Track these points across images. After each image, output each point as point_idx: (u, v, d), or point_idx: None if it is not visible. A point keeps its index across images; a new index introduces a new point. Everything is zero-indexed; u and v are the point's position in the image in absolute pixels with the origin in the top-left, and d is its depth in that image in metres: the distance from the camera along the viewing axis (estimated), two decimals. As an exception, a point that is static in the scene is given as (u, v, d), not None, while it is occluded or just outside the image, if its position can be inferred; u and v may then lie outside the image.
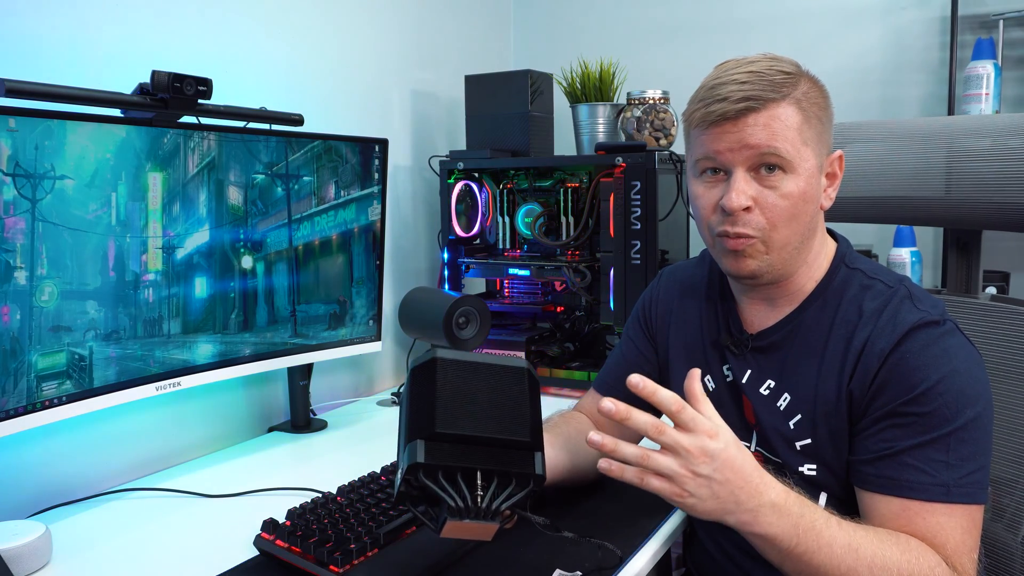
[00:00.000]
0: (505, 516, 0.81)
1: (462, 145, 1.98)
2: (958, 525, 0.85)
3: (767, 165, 0.89)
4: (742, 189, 0.90)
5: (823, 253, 0.99)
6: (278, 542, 0.95)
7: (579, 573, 0.89)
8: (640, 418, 0.81)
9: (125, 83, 1.16)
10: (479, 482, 0.78)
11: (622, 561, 0.84)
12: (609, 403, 0.80)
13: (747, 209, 0.90)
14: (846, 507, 0.92)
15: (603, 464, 0.82)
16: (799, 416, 0.95)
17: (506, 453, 0.80)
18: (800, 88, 0.90)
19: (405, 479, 0.78)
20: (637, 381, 0.81)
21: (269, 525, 0.98)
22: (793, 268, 0.96)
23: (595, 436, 0.81)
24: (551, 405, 1.26)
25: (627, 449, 0.81)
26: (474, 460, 0.78)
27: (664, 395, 0.81)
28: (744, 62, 0.92)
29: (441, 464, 0.77)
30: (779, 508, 0.81)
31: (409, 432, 0.79)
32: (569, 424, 1.14)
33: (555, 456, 1.05)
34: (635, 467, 0.81)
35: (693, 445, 0.79)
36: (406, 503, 0.81)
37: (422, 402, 0.79)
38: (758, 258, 0.93)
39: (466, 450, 0.78)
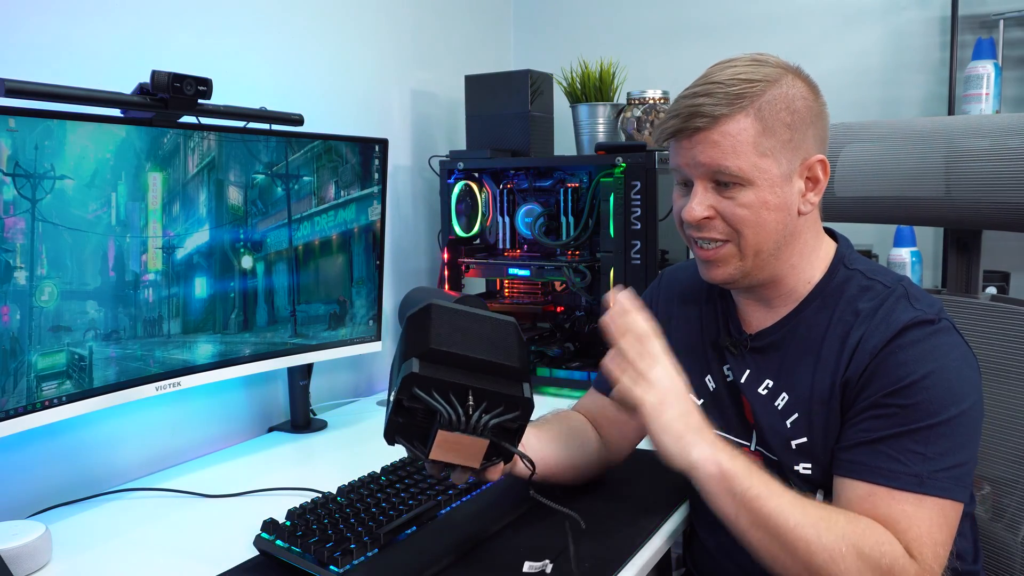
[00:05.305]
0: (487, 443, 0.83)
1: (462, 145, 1.98)
2: (926, 516, 0.83)
3: (720, 181, 0.91)
4: (700, 200, 0.93)
5: (819, 255, 0.99)
6: (278, 542, 0.95)
7: (547, 561, 0.91)
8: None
9: (125, 83, 1.16)
10: (470, 400, 0.81)
11: (583, 532, 0.86)
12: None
13: (710, 218, 0.93)
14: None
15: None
16: (796, 415, 0.95)
17: (496, 379, 0.83)
18: (766, 96, 0.89)
19: (397, 400, 0.81)
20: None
21: (269, 525, 0.98)
22: (774, 272, 0.96)
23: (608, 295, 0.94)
24: (551, 405, 1.26)
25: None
26: (466, 381, 0.82)
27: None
28: (719, 68, 0.93)
29: (435, 378, 0.80)
30: (718, 444, 0.87)
31: (404, 356, 0.82)
32: (563, 421, 1.14)
33: (550, 450, 1.05)
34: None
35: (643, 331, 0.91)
36: (395, 434, 0.84)
37: (417, 334, 0.82)
38: (731, 264, 0.95)
39: (459, 372, 0.81)
